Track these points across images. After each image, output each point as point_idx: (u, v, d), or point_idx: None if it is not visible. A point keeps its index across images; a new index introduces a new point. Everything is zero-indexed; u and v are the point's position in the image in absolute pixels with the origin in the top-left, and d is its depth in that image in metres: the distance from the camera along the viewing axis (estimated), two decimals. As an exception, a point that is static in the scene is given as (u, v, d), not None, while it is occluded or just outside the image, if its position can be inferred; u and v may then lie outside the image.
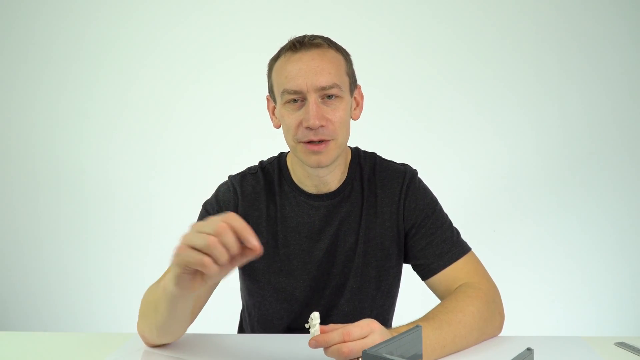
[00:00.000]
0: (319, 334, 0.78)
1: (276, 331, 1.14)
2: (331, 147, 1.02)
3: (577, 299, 2.43)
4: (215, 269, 0.73)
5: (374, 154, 1.18)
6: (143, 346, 0.98)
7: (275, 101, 1.07)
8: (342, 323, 0.80)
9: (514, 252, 2.44)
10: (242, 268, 1.15)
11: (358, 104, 1.11)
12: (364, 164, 1.15)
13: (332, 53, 1.03)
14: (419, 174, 1.16)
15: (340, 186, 1.11)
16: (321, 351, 0.78)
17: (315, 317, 0.79)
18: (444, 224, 1.11)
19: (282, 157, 1.16)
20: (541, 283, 2.43)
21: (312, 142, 1.01)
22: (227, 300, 1.49)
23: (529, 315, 2.33)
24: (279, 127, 1.10)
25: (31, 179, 2.57)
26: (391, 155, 1.20)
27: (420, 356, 0.71)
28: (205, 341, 0.98)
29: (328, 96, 1.00)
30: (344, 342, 0.76)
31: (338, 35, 1.12)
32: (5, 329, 2.48)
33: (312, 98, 0.99)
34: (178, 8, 2.47)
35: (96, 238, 2.57)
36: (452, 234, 1.10)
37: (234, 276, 1.02)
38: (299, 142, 1.02)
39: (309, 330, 0.79)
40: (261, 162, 1.17)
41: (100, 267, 2.58)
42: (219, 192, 1.13)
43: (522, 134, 2.41)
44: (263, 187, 1.12)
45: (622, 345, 0.97)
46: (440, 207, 1.13)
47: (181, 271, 0.76)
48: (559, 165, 2.41)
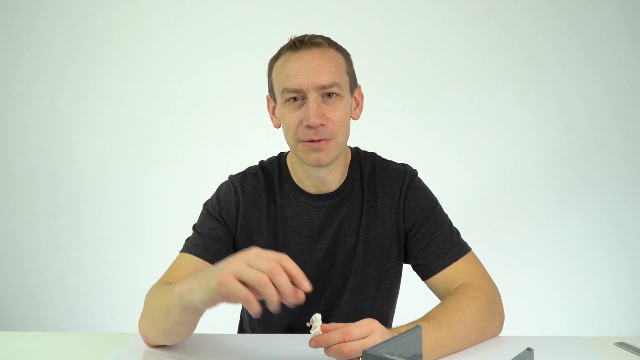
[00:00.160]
0: (320, 334, 0.78)
1: (276, 331, 1.14)
2: (331, 146, 1.02)
3: (577, 299, 2.43)
4: (258, 308, 0.72)
5: (374, 154, 1.18)
6: (143, 346, 0.98)
7: (275, 101, 1.07)
8: (343, 323, 0.80)
9: (514, 252, 2.44)
10: None
11: (358, 104, 1.10)
12: (364, 164, 1.14)
13: (333, 52, 1.03)
14: (419, 174, 1.16)
15: (340, 186, 1.11)
16: (321, 351, 0.78)
17: (317, 319, 0.78)
18: (444, 224, 1.10)
19: (282, 157, 1.16)
20: (541, 283, 2.43)
21: (312, 141, 1.00)
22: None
23: (529, 315, 2.33)
24: (279, 127, 1.09)
25: (29, 179, 2.57)
26: (391, 155, 1.20)
27: (420, 356, 0.71)
28: (205, 341, 0.98)
29: (328, 95, 1.00)
30: (345, 342, 0.76)
31: (338, 34, 1.12)
32: (5, 329, 2.48)
33: (312, 97, 0.99)
34: (176, 7, 2.47)
35: (95, 238, 2.57)
36: (452, 234, 1.10)
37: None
38: (299, 141, 1.02)
39: (310, 330, 0.79)
40: (261, 162, 1.17)
41: (99, 267, 2.57)
42: (220, 192, 1.13)
43: (523, 134, 2.41)
44: (263, 187, 1.12)
45: (622, 345, 0.97)
46: (440, 207, 1.13)
47: (220, 298, 0.75)
48: (560, 164, 2.41)
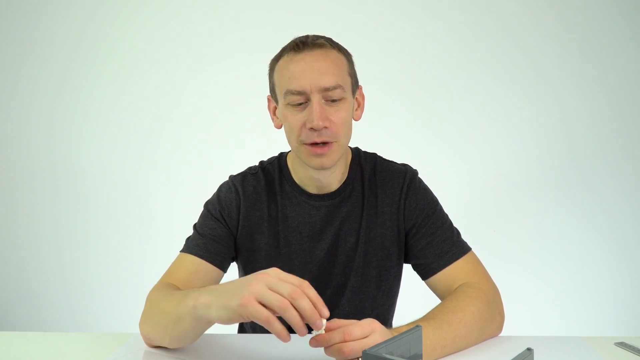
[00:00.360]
0: (320, 333, 0.78)
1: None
2: (334, 149, 1.01)
3: (577, 299, 2.43)
4: (280, 328, 0.73)
5: (375, 154, 1.18)
6: (143, 346, 0.98)
7: (276, 101, 1.07)
8: (344, 319, 0.80)
9: (514, 252, 2.44)
10: (244, 268, 1.14)
11: (359, 105, 1.10)
12: (365, 164, 1.14)
13: (335, 53, 1.03)
14: (420, 174, 1.16)
15: (340, 186, 1.11)
16: (322, 351, 0.78)
17: (322, 323, 0.78)
18: (445, 224, 1.11)
19: (283, 157, 1.16)
20: (541, 283, 2.43)
21: (316, 144, 1.00)
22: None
23: (529, 315, 2.33)
24: (280, 128, 1.09)
25: (31, 179, 2.57)
26: (392, 155, 1.20)
27: (420, 356, 0.71)
28: (205, 341, 0.98)
29: (331, 98, 1.00)
30: (345, 342, 0.76)
31: (338, 35, 1.12)
32: (5, 329, 2.48)
33: (316, 99, 0.98)
34: (178, 8, 2.47)
35: (96, 238, 2.57)
36: (453, 234, 1.10)
37: (234, 277, 1.02)
38: (303, 144, 1.01)
39: (311, 330, 0.78)
40: (261, 162, 1.17)
41: (100, 267, 2.58)
42: (221, 193, 1.13)
43: (523, 134, 2.41)
44: (264, 187, 1.12)
45: (622, 345, 0.97)
46: (440, 207, 1.13)
47: (239, 318, 0.75)
48: (559, 165, 2.41)
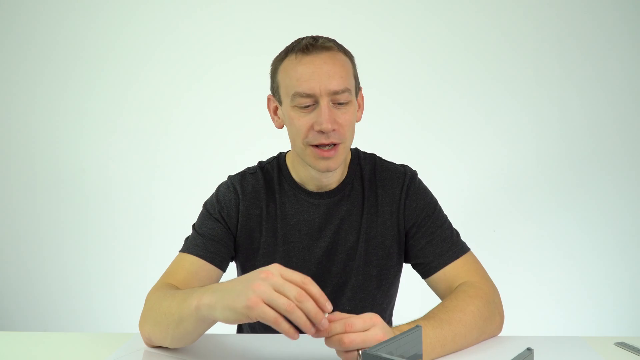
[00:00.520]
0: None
1: (276, 330, 1.14)
2: (340, 151, 1.02)
3: (577, 299, 2.43)
4: (287, 327, 0.75)
5: (374, 155, 1.18)
6: (143, 346, 0.98)
7: (279, 101, 1.07)
8: (346, 313, 0.81)
9: (514, 252, 2.44)
10: (243, 267, 1.15)
11: (360, 106, 1.11)
12: (364, 165, 1.15)
13: (342, 57, 1.04)
14: (420, 174, 1.17)
15: (340, 184, 1.12)
16: (321, 351, 0.78)
17: (326, 321, 0.79)
18: (444, 224, 1.12)
19: (281, 157, 1.16)
20: (541, 283, 2.43)
21: (323, 146, 1.01)
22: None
23: (529, 315, 2.33)
24: (282, 128, 1.10)
25: (31, 179, 2.57)
26: (392, 155, 1.20)
27: (420, 356, 0.71)
28: (205, 341, 0.98)
29: (339, 101, 1.00)
30: (346, 333, 0.77)
31: (338, 36, 1.12)
32: (5, 329, 2.48)
33: (325, 102, 0.99)
34: (179, 9, 2.47)
35: (96, 238, 2.57)
36: (452, 234, 1.11)
37: (233, 276, 1.02)
38: (309, 146, 1.02)
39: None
40: (260, 162, 1.18)
41: (100, 267, 2.57)
42: (220, 192, 1.13)
43: (522, 135, 2.41)
44: (263, 186, 1.12)
45: (622, 345, 0.97)
46: (440, 208, 1.14)
47: (246, 319, 0.76)
48: (559, 165, 2.41)
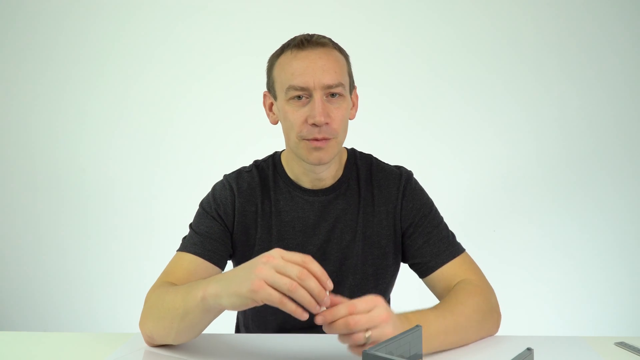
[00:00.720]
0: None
1: (270, 327, 1.14)
2: (332, 145, 1.04)
3: (577, 299, 2.43)
4: (294, 307, 0.75)
5: (370, 155, 1.20)
6: (143, 346, 0.98)
7: (275, 97, 1.08)
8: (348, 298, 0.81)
9: (514, 252, 2.44)
10: (239, 264, 1.14)
11: (354, 104, 1.13)
12: (360, 164, 1.16)
13: (336, 53, 1.06)
14: (420, 174, 1.18)
15: (335, 183, 1.13)
16: (320, 351, 0.78)
17: (328, 299, 0.80)
18: (440, 224, 1.13)
19: (277, 155, 1.18)
20: (541, 283, 2.43)
21: (316, 140, 1.02)
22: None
23: (529, 315, 2.33)
24: (276, 124, 1.11)
25: (31, 179, 2.57)
26: (392, 155, 1.21)
27: (420, 356, 0.71)
28: (205, 341, 0.98)
29: (332, 94, 1.02)
30: (350, 315, 0.78)
31: (338, 35, 1.12)
32: (5, 329, 2.48)
33: (318, 95, 1.01)
34: (179, 9, 2.47)
35: (96, 238, 2.57)
36: (448, 234, 1.13)
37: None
38: (302, 139, 1.03)
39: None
40: (255, 161, 1.19)
41: (100, 267, 2.58)
42: (216, 191, 1.14)
43: (522, 135, 2.41)
44: (258, 183, 1.13)
45: (622, 345, 0.97)
46: (436, 208, 1.16)
47: (252, 303, 0.78)
48: (559, 165, 2.41)
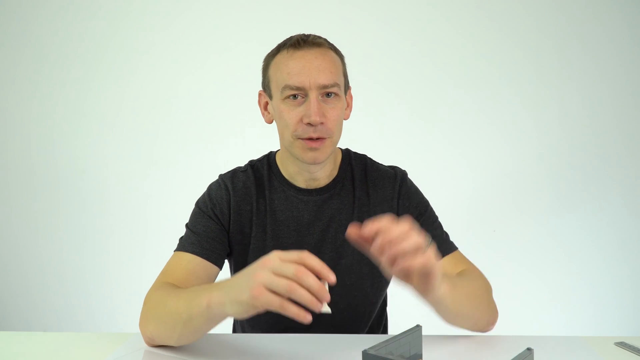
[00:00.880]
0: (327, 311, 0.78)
1: (265, 327, 1.15)
2: (327, 145, 1.04)
3: (577, 299, 2.43)
4: (296, 310, 0.73)
5: (365, 156, 1.20)
6: (143, 346, 0.98)
7: (270, 97, 1.09)
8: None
9: (514, 252, 2.44)
10: (235, 263, 1.15)
11: (348, 105, 1.14)
12: (355, 165, 1.17)
13: (332, 53, 1.06)
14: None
15: (330, 182, 1.14)
16: (320, 351, 0.78)
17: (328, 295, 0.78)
18: (435, 222, 1.15)
19: (272, 155, 1.19)
20: (541, 283, 2.43)
21: (311, 139, 1.03)
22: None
23: (529, 315, 2.33)
24: (271, 123, 1.12)
25: (29, 179, 2.57)
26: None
27: (420, 356, 0.71)
28: (204, 341, 0.98)
29: (327, 94, 1.03)
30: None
31: (337, 35, 1.13)
32: (5, 329, 2.48)
33: (314, 95, 1.01)
34: (175, 7, 2.46)
35: (95, 238, 2.57)
36: (442, 232, 1.14)
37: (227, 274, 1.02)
38: (297, 139, 1.04)
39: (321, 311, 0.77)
40: (250, 161, 1.19)
41: (99, 267, 2.57)
42: (211, 190, 1.15)
43: (523, 134, 2.41)
44: (253, 183, 1.14)
45: (622, 345, 0.97)
46: (431, 207, 1.17)
47: (254, 310, 0.76)
48: (560, 165, 2.41)
